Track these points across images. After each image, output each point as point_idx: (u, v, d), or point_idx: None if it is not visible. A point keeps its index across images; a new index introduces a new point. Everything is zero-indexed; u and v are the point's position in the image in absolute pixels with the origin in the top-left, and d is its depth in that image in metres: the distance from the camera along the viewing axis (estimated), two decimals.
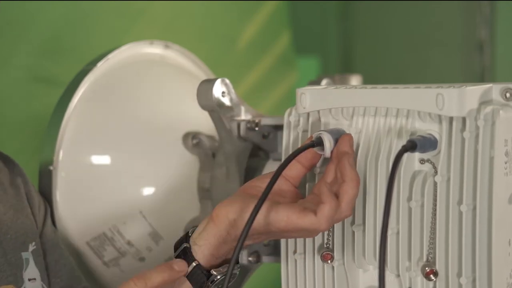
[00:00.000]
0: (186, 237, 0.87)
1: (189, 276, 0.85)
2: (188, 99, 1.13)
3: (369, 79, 1.35)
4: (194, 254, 0.85)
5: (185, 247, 0.86)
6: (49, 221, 1.06)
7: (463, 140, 0.78)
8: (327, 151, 0.83)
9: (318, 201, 0.79)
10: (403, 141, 0.80)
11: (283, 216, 0.80)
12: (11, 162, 1.05)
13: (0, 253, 0.95)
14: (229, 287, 0.81)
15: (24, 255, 0.98)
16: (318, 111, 0.88)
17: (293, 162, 0.83)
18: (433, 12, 2.15)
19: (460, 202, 0.78)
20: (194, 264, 0.84)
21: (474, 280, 0.78)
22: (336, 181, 0.82)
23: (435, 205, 0.80)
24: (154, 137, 1.15)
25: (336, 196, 0.79)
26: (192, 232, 0.87)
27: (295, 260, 0.90)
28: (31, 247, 0.99)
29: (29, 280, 0.97)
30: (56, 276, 1.01)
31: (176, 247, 0.87)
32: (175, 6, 1.83)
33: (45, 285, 0.99)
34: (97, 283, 1.15)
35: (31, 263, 0.98)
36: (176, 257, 0.86)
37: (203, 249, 0.85)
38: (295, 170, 0.85)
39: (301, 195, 0.87)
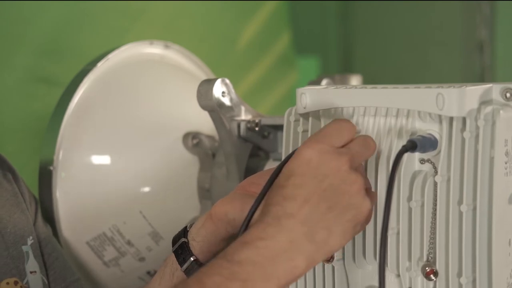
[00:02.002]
0: (184, 232, 0.87)
1: (187, 271, 0.85)
2: (188, 99, 1.13)
3: (369, 79, 1.35)
4: (192, 249, 0.85)
5: (183, 242, 0.86)
6: (39, 215, 1.06)
7: (463, 140, 0.78)
8: None
9: None
10: (403, 141, 0.80)
11: None
12: (0, 157, 1.05)
13: (2, 247, 0.95)
14: None
15: (24, 248, 0.98)
16: (318, 111, 0.88)
17: None
18: (433, 12, 2.15)
19: (460, 202, 0.78)
20: (191, 259, 0.85)
21: (474, 280, 0.78)
22: None
23: (435, 205, 0.80)
24: (154, 137, 1.15)
25: None
26: (191, 226, 0.87)
27: None
28: (29, 241, 0.99)
29: (31, 272, 0.97)
30: (50, 268, 1.02)
31: (175, 241, 0.87)
32: (175, 6, 1.83)
33: (44, 277, 0.99)
34: (97, 283, 1.15)
35: (31, 256, 0.98)
36: (175, 251, 0.86)
37: (201, 245, 0.85)
38: None
39: None
